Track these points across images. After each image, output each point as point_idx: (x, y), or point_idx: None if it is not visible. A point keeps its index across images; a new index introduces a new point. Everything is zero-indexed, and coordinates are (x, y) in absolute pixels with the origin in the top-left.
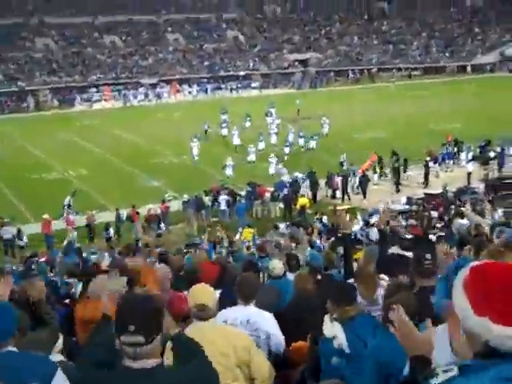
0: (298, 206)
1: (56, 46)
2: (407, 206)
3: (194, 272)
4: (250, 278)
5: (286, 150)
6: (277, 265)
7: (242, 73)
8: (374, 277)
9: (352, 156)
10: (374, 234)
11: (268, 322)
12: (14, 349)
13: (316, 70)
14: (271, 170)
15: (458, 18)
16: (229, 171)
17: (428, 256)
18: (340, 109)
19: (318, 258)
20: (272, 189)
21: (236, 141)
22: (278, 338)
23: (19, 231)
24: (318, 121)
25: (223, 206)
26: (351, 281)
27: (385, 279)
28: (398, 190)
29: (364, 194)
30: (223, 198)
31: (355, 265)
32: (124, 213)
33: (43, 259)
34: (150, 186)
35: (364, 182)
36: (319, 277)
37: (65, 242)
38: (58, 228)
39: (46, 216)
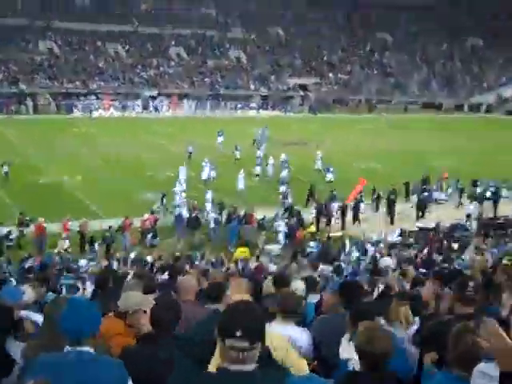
0: (307, 232)
1: (59, 51)
2: (400, 238)
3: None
4: (293, 294)
5: (282, 188)
6: (300, 285)
7: (241, 92)
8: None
9: (346, 184)
10: (385, 261)
11: (307, 340)
12: (92, 350)
13: (315, 96)
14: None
15: (459, 57)
16: (208, 204)
17: (471, 283)
18: (337, 136)
19: None
20: (259, 217)
21: (204, 175)
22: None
23: (9, 232)
24: (311, 148)
25: (212, 224)
26: None
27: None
28: (392, 222)
29: (357, 220)
30: (212, 216)
31: None
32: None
33: (37, 262)
34: (144, 199)
35: (357, 208)
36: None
37: (57, 249)
38: (49, 233)
39: (41, 219)
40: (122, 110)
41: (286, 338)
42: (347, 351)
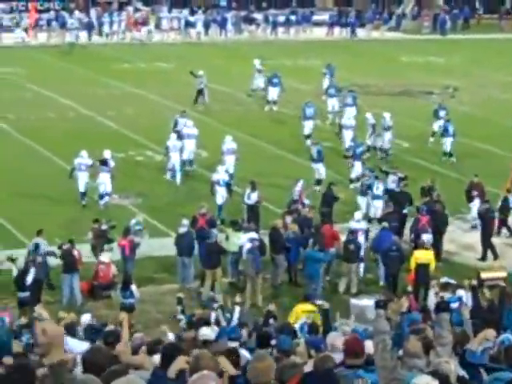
0: (412, 265)
1: None
2: None
3: None
4: None
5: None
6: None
7: None
8: None
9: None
10: None
11: None
12: None
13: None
14: None
15: None
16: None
17: None
18: (486, 80)
19: None
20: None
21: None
22: None
23: None
24: (445, 98)
25: (248, 252)
26: None
27: None
28: None
29: None
30: (250, 237)
31: None
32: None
33: None
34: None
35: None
36: None
37: None
38: None
39: None
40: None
41: None
42: None
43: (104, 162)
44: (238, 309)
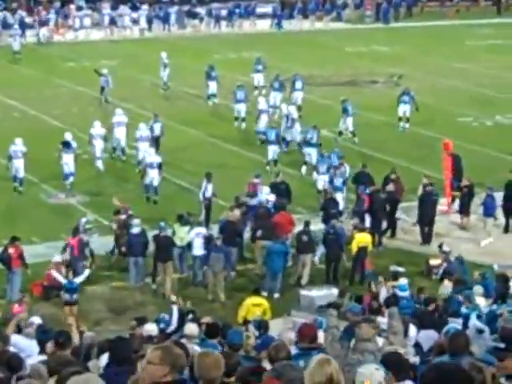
0: (353, 248)
1: None
2: None
3: None
4: None
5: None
6: (375, 376)
7: None
8: None
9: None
10: None
11: None
12: None
13: None
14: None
15: None
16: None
17: None
18: (431, 67)
19: None
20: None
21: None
22: None
23: None
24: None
25: (198, 250)
26: None
27: None
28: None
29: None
30: (198, 233)
31: None
32: None
33: None
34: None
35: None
36: None
37: None
38: None
39: None
40: None
41: None
42: None
43: (66, 144)
44: (175, 308)
